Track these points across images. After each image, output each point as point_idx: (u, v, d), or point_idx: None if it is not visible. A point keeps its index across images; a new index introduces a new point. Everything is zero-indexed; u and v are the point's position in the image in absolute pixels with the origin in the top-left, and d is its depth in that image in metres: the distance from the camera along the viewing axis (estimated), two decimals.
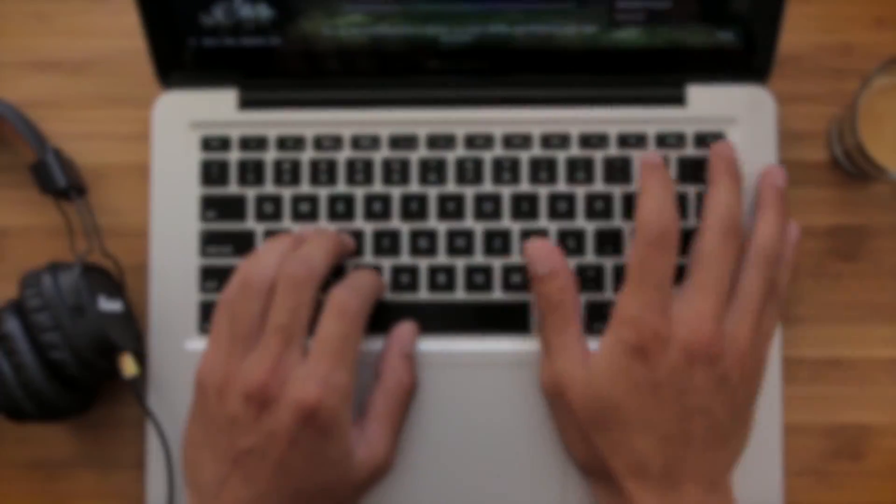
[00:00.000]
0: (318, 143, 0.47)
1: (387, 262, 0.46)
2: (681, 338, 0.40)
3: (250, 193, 0.47)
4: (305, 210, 0.47)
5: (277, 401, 0.39)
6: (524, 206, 0.47)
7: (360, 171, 0.47)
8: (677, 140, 0.47)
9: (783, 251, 0.43)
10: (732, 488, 0.42)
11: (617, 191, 0.46)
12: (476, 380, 0.45)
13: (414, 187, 0.47)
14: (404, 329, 0.45)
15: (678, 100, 0.47)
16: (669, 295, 0.41)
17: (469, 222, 0.47)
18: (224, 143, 0.47)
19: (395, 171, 0.47)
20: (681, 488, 0.40)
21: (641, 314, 0.40)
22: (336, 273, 0.46)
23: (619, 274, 0.46)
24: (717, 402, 0.40)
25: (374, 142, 0.47)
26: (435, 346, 0.46)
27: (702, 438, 0.40)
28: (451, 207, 0.47)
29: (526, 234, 0.46)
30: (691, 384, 0.40)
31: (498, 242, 0.46)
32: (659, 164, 0.44)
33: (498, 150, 0.47)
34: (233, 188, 0.47)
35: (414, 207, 0.47)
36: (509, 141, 0.47)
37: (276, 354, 0.40)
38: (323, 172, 0.47)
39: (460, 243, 0.47)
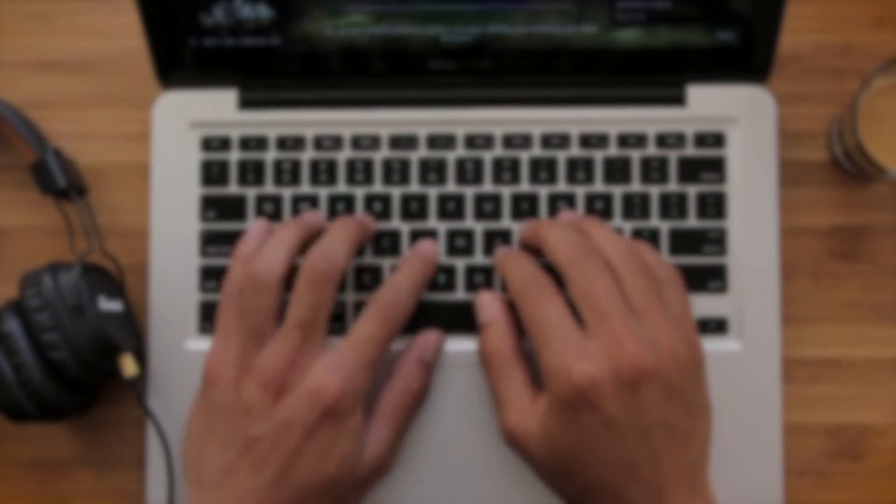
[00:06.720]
0: (318, 143, 0.47)
1: (387, 262, 0.46)
2: (611, 370, 0.38)
3: (250, 193, 0.47)
4: (306, 210, 0.47)
5: (295, 389, 0.39)
6: (524, 206, 0.47)
7: (360, 171, 0.47)
8: (677, 140, 0.47)
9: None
10: (709, 482, 0.41)
11: (617, 191, 0.46)
12: (476, 380, 0.45)
13: (414, 187, 0.47)
14: (428, 336, 0.45)
15: (678, 100, 0.47)
16: (581, 336, 0.40)
17: (469, 222, 0.47)
18: (224, 143, 0.47)
19: (395, 171, 0.47)
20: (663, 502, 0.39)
21: (567, 367, 0.39)
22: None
23: None
24: (671, 409, 0.39)
25: (374, 142, 0.47)
26: None
27: (667, 449, 0.39)
28: (451, 207, 0.47)
29: None
30: (641, 406, 0.38)
31: (498, 243, 0.46)
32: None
33: (498, 150, 0.47)
34: (233, 188, 0.47)
35: (414, 207, 0.47)
36: (509, 141, 0.47)
37: (295, 346, 0.40)
38: (323, 172, 0.47)
39: (460, 243, 0.47)
